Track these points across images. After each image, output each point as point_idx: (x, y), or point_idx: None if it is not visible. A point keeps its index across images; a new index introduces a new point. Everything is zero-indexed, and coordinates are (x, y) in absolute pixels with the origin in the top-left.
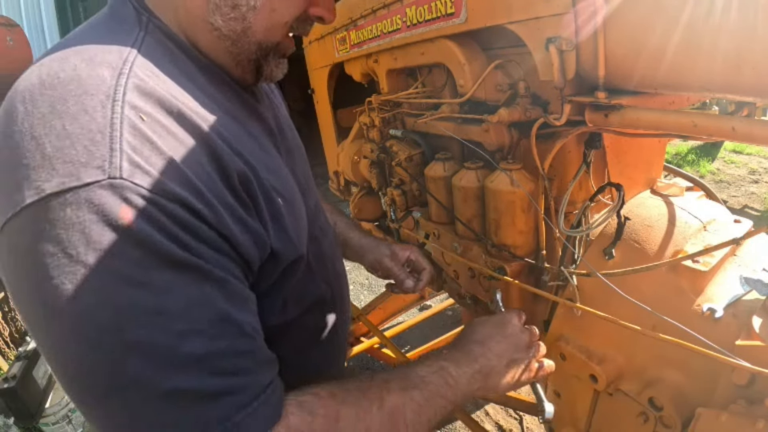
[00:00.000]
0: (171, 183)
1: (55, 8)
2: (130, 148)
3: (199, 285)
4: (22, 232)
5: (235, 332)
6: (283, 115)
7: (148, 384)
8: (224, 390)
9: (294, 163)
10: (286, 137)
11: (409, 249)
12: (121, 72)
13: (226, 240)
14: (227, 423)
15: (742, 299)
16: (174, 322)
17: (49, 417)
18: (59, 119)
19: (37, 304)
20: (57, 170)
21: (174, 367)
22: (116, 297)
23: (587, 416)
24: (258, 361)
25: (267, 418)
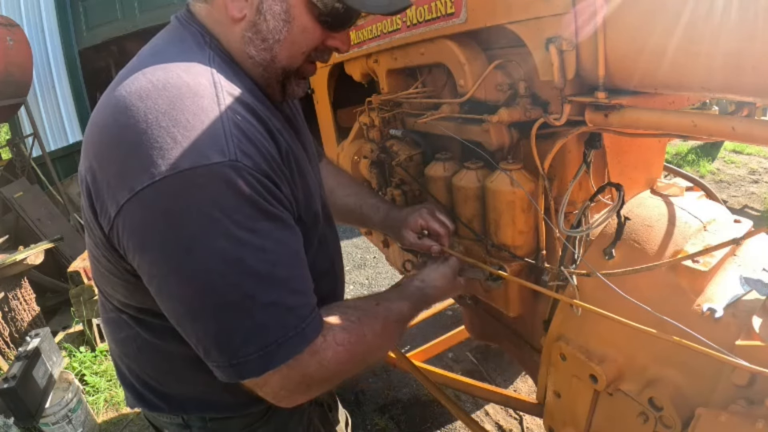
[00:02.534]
0: (261, 162)
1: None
2: (236, 139)
3: (283, 230)
4: (161, 196)
5: (303, 264)
6: (301, 122)
7: (255, 297)
8: (297, 304)
9: (310, 160)
10: (303, 139)
11: (419, 215)
12: (214, 81)
13: (289, 201)
14: (298, 328)
15: (742, 299)
16: (271, 255)
17: (49, 417)
18: (182, 114)
19: (176, 246)
20: (189, 152)
21: (270, 286)
22: (236, 237)
23: (587, 416)
24: (311, 285)
25: (317, 327)
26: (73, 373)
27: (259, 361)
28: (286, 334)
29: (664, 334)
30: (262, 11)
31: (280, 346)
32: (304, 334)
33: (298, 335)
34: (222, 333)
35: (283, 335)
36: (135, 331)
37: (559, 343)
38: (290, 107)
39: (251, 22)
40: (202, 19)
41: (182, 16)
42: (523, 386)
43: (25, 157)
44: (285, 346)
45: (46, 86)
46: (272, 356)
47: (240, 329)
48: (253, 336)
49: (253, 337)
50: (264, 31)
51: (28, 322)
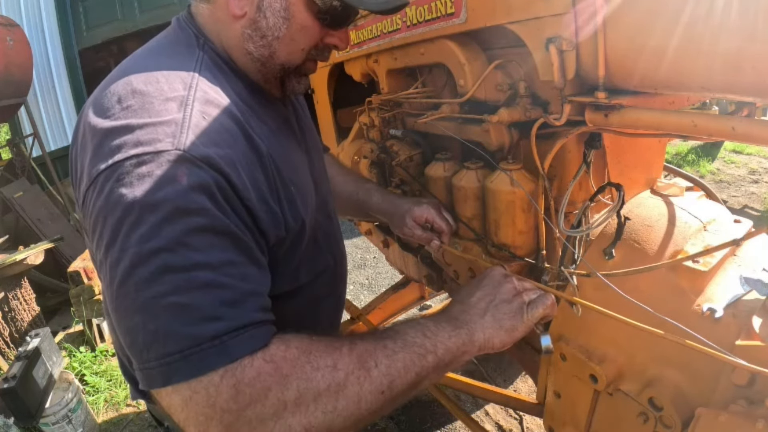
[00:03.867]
0: (218, 159)
1: (55, 8)
2: (193, 133)
3: (221, 236)
4: (108, 180)
5: (239, 276)
6: (306, 120)
7: (165, 296)
8: (219, 315)
9: (312, 160)
10: (306, 138)
11: (426, 210)
12: (191, 86)
13: (249, 213)
14: (216, 340)
15: (742, 299)
16: (193, 256)
17: (49, 417)
18: (147, 113)
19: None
20: (141, 142)
21: (188, 287)
22: (158, 230)
23: (587, 416)
24: (254, 305)
25: (249, 345)
26: (73, 373)
27: (159, 371)
28: (197, 345)
29: (664, 334)
30: (262, 8)
31: (186, 359)
32: (224, 348)
33: (214, 348)
34: (129, 331)
35: (192, 345)
36: None
37: (559, 343)
38: (294, 106)
39: (251, 20)
40: (201, 19)
41: (182, 18)
42: (523, 386)
43: (25, 157)
44: (192, 359)
45: (46, 86)
46: (174, 369)
47: (144, 330)
48: (156, 340)
49: (156, 342)
50: (263, 28)
51: (28, 322)
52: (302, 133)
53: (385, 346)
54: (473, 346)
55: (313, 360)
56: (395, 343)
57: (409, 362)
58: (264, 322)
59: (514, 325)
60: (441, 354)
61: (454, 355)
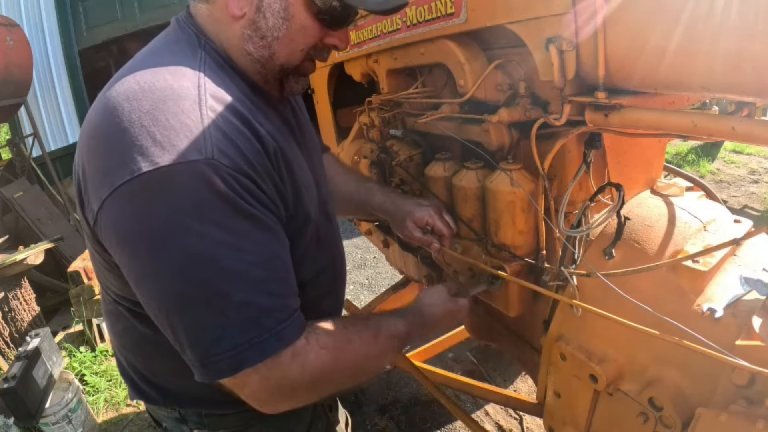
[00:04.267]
0: (241, 162)
1: (55, 8)
2: (215, 139)
3: (262, 231)
4: (138, 192)
5: (282, 266)
6: (304, 120)
7: (227, 296)
8: (273, 307)
9: (312, 159)
10: (305, 138)
11: (427, 213)
12: (199, 84)
13: (272, 202)
14: (273, 330)
15: (742, 299)
16: (247, 255)
17: (49, 417)
18: (163, 114)
19: (149, 241)
20: (168, 150)
21: (244, 285)
22: (211, 236)
23: (587, 416)
24: (293, 290)
25: (296, 331)
26: (73, 373)
27: (230, 361)
28: (261, 336)
29: (664, 334)
30: (262, 9)
31: (253, 347)
32: (280, 336)
33: (273, 337)
34: (192, 331)
35: (256, 336)
36: (131, 323)
37: (559, 343)
38: (292, 106)
39: (251, 20)
40: (201, 19)
41: (181, 18)
42: (523, 386)
43: (25, 157)
44: (258, 347)
45: (46, 86)
46: (244, 357)
47: (210, 328)
48: (224, 335)
49: (224, 337)
50: (263, 28)
51: (28, 322)
52: (302, 134)
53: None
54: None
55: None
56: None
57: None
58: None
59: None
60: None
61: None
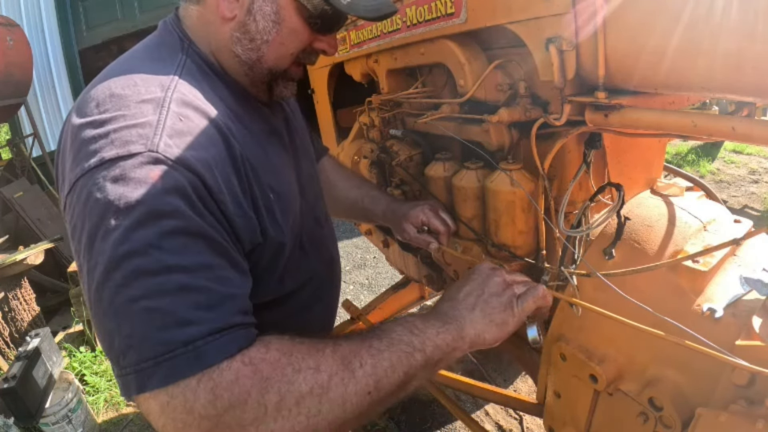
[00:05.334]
0: (192, 160)
1: (55, 8)
2: (167, 135)
3: (196, 238)
4: (85, 187)
5: (215, 279)
6: (295, 121)
7: (138, 300)
8: (193, 319)
9: (300, 164)
10: (295, 141)
11: (421, 211)
12: (168, 88)
13: (224, 214)
14: (189, 346)
15: (742, 299)
16: (169, 258)
17: (49, 417)
18: (123, 117)
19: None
20: (115, 145)
21: (161, 290)
22: (131, 234)
23: (587, 416)
24: (232, 308)
25: (226, 349)
26: (73, 373)
27: (134, 377)
28: (171, 351)
29: (664, 334)
30: (253, 12)
31: (160, 365)
32: (197, 354)
33: (187, 354)
34: (106, 337)
35: (165, 351)
36: None
37: (559, 343)
38: (285, 113)
39: (241, 22)
40: (189, 21)
41: (169, 21)
42: (523, 386)
43: (25, 157)
44: (165, 365)
45: (46, 86)
46: (148, 375)
47: (119, 336)
48: (130, 346)
49: (130, 348)
50: (253, 31)
51: (28, 322)
52: (291, 138)
53: (370, 346)
54: (463, 342)
55: (295, 362)
56: (381, 342)
57: (396, 361)
58: (242, 325)
59: (504, 318)
60: (430, 352)
61: (443, 351)
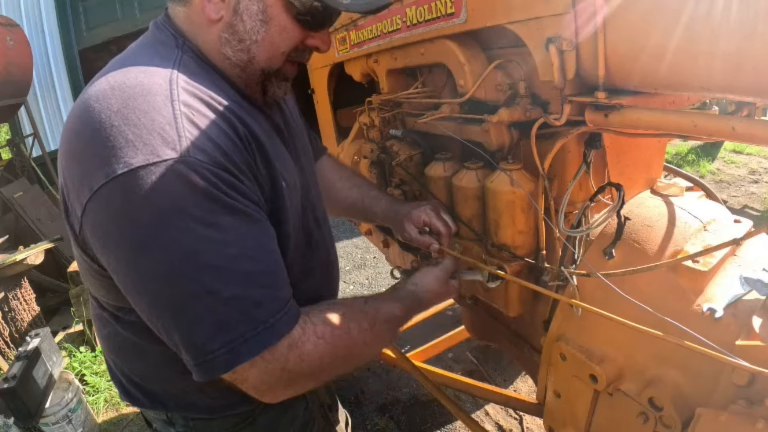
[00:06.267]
0: (218, 155)
1: (55, 8)
2: (189, 134)
3: (245, 223)
4: (115, 194)
5: (269, 257)
6: (294, 123)
7: (216, 292)
8: (265, 299)
9: (300, 164)
10: (295, 143)
11: (423, 212)
12: (171, 79)
13: (253, 193)
14: (267, 323)
15: (742, 299)
16: (231, 249)
17: (49, 417)
18: (133, 112)
19: (131, 243)
20: (140, 150)
21: (232, 279)
22: (193, 233)
23: (587, 416)
24: (284, 280)
25: (291, 321)
26: (73, 373)
27: (225, 358)
28: (255, 329)
29: (664, 334)
30: (239, 12)
31: (248, 341)
32: (274, 328)
33: (267, 330)
34: (184, 331)
35: (251, 329)
36: (115, 328)
37: (559, 343)
38: (282, 113)
39: (228, 23)
40: (179, 22)
41: (160, 21)
42: (523, 386)
43: (25, 157)
44: (252, 341)
45: (46, 86)
46: (238, 352)
47: (201, 326)
48: (217, 332)
49: (217, 333)
50: (241, 31)
51: (28, 322)
52: (291, 140)
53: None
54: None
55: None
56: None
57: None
58: (292, 297)
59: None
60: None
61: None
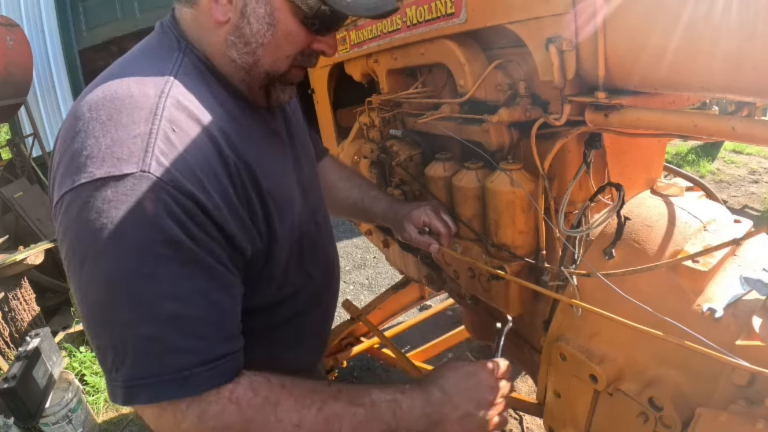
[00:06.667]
0: (185, 181)
1: (55, 8)
2: (159, 152)
3: (187, 264)
4: (74, 203)
5: (207, 306)
6: (296, 124)
7: (131, 326)
8: (184, 348)
9: (300, 166)
10: (295, 144)
11: (424, 212)
12: (163, 91)
13: (222, 232)
14: (178, 374)
15: (742, 299)
16: (161, 286)
17: (49, 417)
18: (114, 126)
19: (75, 254)
20: (106, 162)
21: (153, 319)
22: (125, 259)
23: (587, 416)
24: (221, 335)
25: (213, 380)
26: (73, 373)
27: (123, 391)
28: (160, 375)
29: (664, 334)
30: (246, 14)
31: (149, 386)
32: (185, 382)
33: (175, 381)
34: (99, 350)
35: (155, 374)
36: None
37: (559, 343)
38: (284, 114)
39: (235, 26)
40: (185, 24)
41: (165, 22)
42: (523, 386)
43: (25, 157)
44: (154, 387)
45: (46, 86)
46: (136, 392)
47: (111, 353)
48: (122, 364)
49: (122, 366)
50: (247, 34)
51: (28, 322)
52: (291, 141)
53: (354, 414)
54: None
55: (279, 412)
56: (366, 413)
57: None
58: (229, 355)
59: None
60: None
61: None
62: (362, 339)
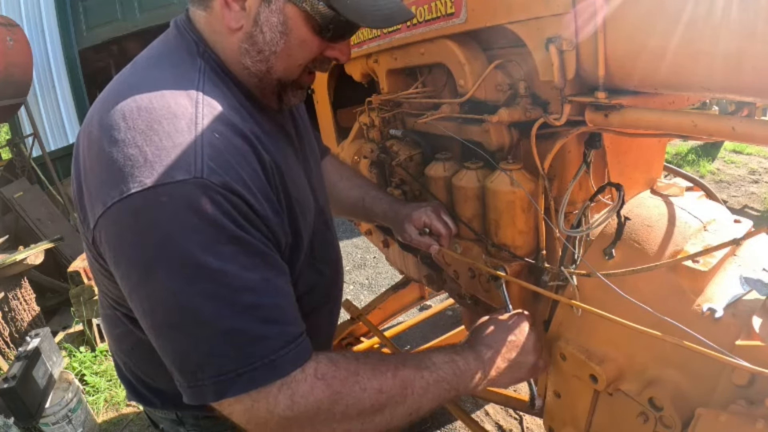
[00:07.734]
0: (232, 181)
1: (55, 8)
2: (208, 158)
3: (250, 256)
4: (128, 212)
5: (275, 291)
6: (303, 126)
7: (213, 323)
8: (266, 334)
9: (309, 168)
10: (304, 146)
11: (424, 213)
12: (197, 101)
13: (267, 226)
14: (265, 360)
15: (742, 299)
16: (234, 280)
17: (49, 417)
18: (156, 135)
19: (137, 263)
20: (156, 170)
21: (231, 312)
22: (195, 260)
23: (587, 416)
24: (292, 316)
25: (295, 360)
26: (73, 373)
27: (213, 388)
28: (250, 364)
29: (664, 334)
30: (259, 23)
31: (240, 376)
32: (274, 366)
33: (265, 367)
34: (179, 355)
35: (245, 365)
36: (128, 328)
37: (559, 343)
38: (292, 114)
39: (248, 33)
40: (199, 26)
41: (181, 23)
42: (523, 386)
43: (25, 157)
44: (246, 376)
45: (46, 86)
46: (229, 385)
47: (195, 354)
48: (209, 362)
49: (209, 364)
50: (260, 42)
51: (28, 322)
52: (300, 141)
53: (422, 377)
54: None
55: (362, 381)
56: (431, 374)
57: (436, 395)
58: (304, 334)
59: (522, 378)
60: (462, 390)
61: (471, 389)
62: (362, 339)
